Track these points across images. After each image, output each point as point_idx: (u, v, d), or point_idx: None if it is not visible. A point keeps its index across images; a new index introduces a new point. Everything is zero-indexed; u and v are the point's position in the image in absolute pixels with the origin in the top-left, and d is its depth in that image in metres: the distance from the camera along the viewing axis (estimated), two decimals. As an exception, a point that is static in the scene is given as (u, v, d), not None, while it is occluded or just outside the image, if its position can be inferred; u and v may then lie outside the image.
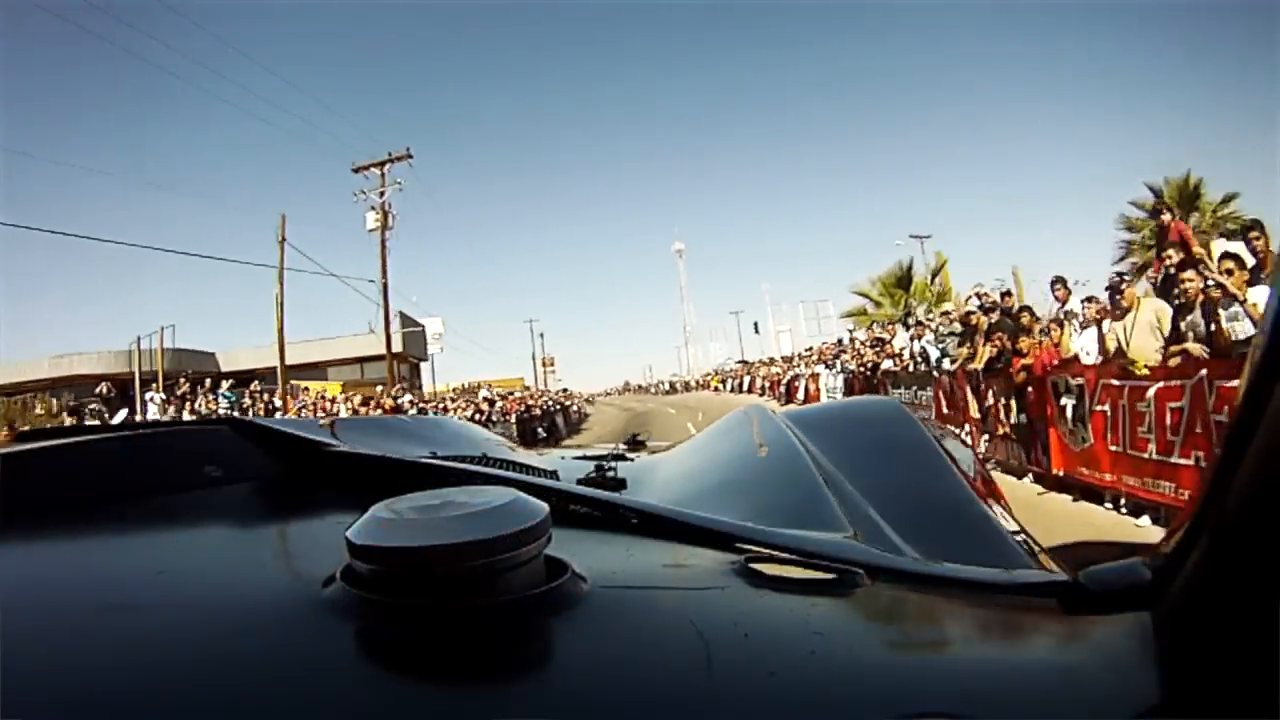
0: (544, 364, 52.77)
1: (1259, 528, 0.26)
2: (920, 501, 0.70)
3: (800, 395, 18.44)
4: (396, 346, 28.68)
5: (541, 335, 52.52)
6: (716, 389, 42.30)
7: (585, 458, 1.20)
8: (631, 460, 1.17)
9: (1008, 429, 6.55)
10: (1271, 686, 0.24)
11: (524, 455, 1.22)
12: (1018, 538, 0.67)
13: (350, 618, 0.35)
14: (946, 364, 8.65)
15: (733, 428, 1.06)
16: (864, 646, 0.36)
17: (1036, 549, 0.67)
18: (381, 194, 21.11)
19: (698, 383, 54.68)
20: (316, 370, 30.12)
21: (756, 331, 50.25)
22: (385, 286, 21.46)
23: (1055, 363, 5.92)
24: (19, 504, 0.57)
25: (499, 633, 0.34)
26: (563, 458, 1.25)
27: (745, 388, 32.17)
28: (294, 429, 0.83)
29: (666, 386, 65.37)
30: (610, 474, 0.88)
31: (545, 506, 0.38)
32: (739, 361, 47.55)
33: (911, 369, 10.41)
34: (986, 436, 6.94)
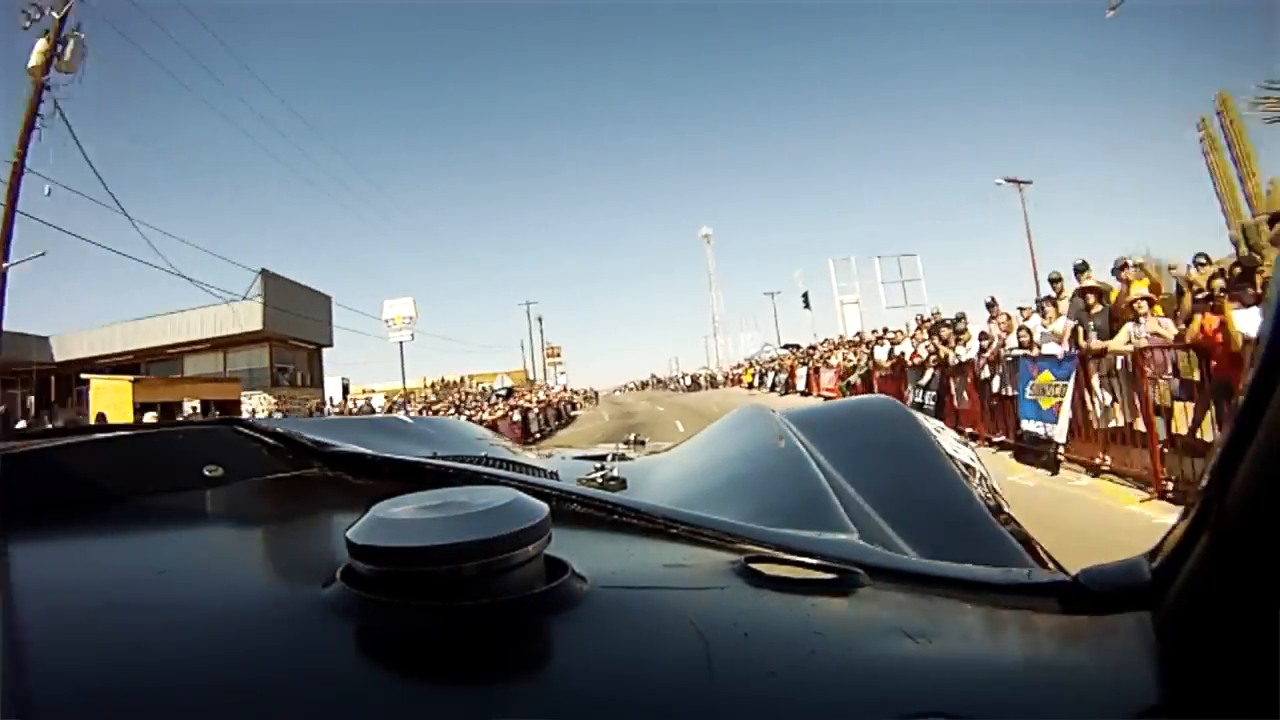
0: (548, 354, 46.86)
1: (1259, 528, 0.26)
2: (920, 501, 0.70)
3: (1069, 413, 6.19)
4: (254, 323, 20.99)
5: (540, 319, 45.73)
6: (751, 386, 29.57)
7: (585, 457, 1.21)
8: (632, 460, 1.17)
9: None
10: (1271, 687, 0.24)
11: (524, 456, 1.22)
12: (1018, 537, 0.67)
13: (350, 618, 0.35)
14: None
15: (732, 427, 1.06)
16: (864, 646, 0.37)
17: (1036, 548, 0.67)
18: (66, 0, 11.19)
19: (727, 377, 41.71)
20: (170, 361, 22.78)
21: (807, 306, 36.98)
22: (19, 167, 10.50)
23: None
24: (19, 504, 0.57)
25: (499, 633, 0.34)
26: (563, 458, 1.25)
27: (800, 385, 20.45)
28: (294, 429, 0.83)
29: (688, 381, 50.30)
30: (610, 474, 0.88)
31: (545, 507, 0.38)
32: (785, 347, 32.94)
33: None
34: None
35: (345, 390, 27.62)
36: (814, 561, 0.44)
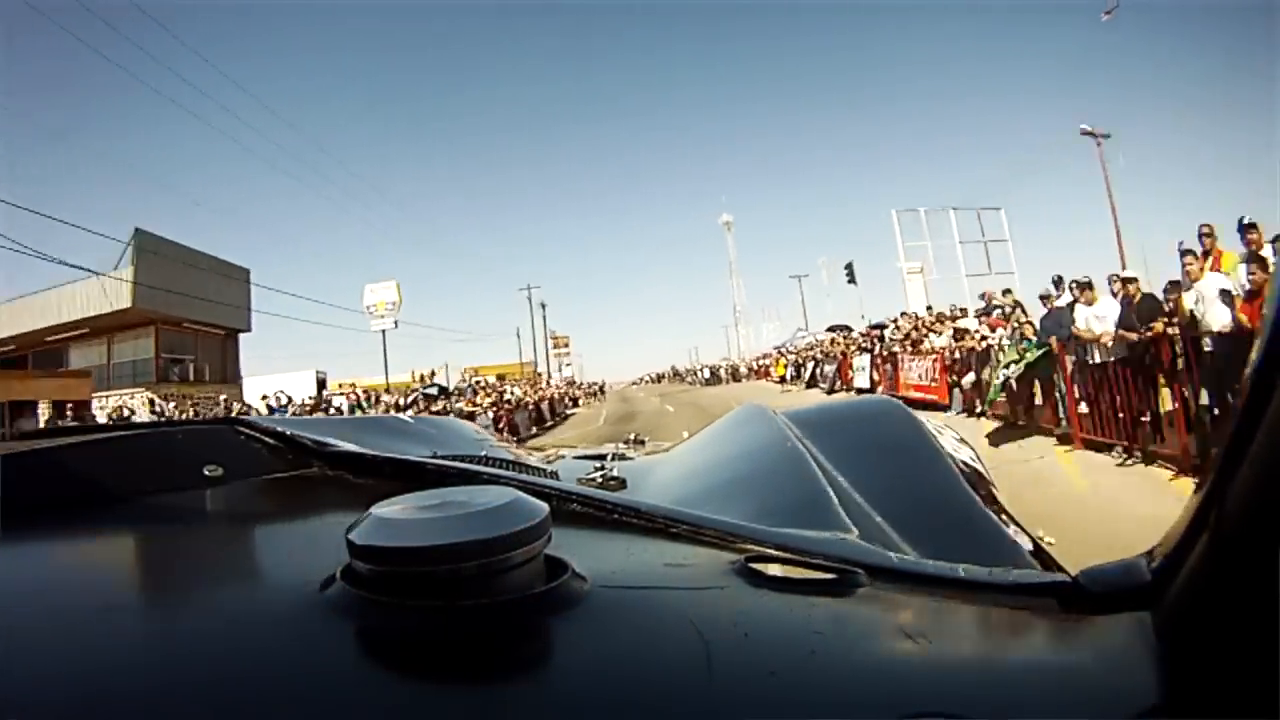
0: (554, 344, 43.60)
1: (1259, 528, 0.26)
2: (920, 501, 0.70)
3: None
4: (122, 300, 16.06)
5: (544, 305, 41.53)
6: (784, 379, 22.92)
7: (585, 457, 1.21)
8: (632, 460, 1.17)
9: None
10: (1271, 686, 0.24)
11: (524, 455, 1.22)
12: (1018, 537, 0.67)
13: (350, 618, 0.35)
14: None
15: (732, 427, 1.06)
16: (864, 646, 0.37)
17: (1036, 548, 0.67)
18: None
19: (752, 369, 35.04)
20: (51, 351, 18.12)
21: (852, 280, 28.42)
22: None
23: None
24: (19, 504, 0.57)
25: (499, 633, 0.34)
26: (563, 457, 1.25)
27: (861, 381, 13.33)
28: (294, 428, 0.83)
29: (706, 374, 42.78)
30: (610, 474, 0.88)
31: (545, 506, 0.38)
32: (833, 329, 24.08)
33: None
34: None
35: (321, 385, 23.70)
36: (814, 561, 0.44)
